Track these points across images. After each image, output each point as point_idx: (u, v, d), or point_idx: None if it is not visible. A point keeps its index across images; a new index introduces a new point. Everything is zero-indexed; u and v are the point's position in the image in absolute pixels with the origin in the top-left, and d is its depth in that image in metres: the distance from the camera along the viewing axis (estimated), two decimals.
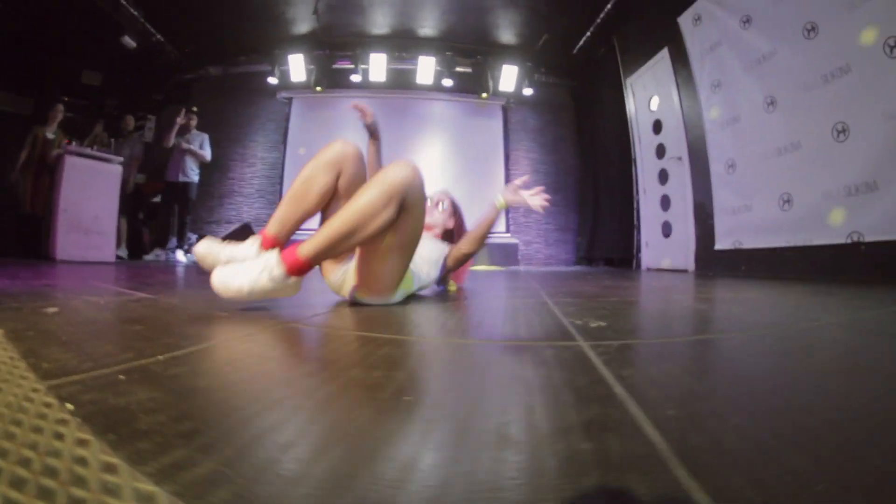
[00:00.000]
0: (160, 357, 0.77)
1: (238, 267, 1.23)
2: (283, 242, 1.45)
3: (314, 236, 1.27)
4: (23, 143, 5.36)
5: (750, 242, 3.71)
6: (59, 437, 0.44)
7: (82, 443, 0.43)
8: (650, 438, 0.43)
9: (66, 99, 6.56)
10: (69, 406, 0.53)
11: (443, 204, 2.07)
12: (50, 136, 5.32)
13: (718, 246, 4.05)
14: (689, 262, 4.44)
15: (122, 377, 0.65)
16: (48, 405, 0.52)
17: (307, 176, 1.50)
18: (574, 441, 0.43)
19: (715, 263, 4.10)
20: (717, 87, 4.10)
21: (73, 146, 4.99)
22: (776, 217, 3.45)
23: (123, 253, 5.83)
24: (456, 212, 2.12)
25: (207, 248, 1.38)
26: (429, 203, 1.95)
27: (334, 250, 1.29)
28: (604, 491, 0.34)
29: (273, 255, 1.24)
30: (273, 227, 1.44)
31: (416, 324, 1.26)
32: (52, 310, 1.25)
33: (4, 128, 6.15)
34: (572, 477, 0.36)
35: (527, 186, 1.85)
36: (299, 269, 1.25)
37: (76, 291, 1.80)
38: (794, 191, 3.32)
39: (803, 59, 3.20)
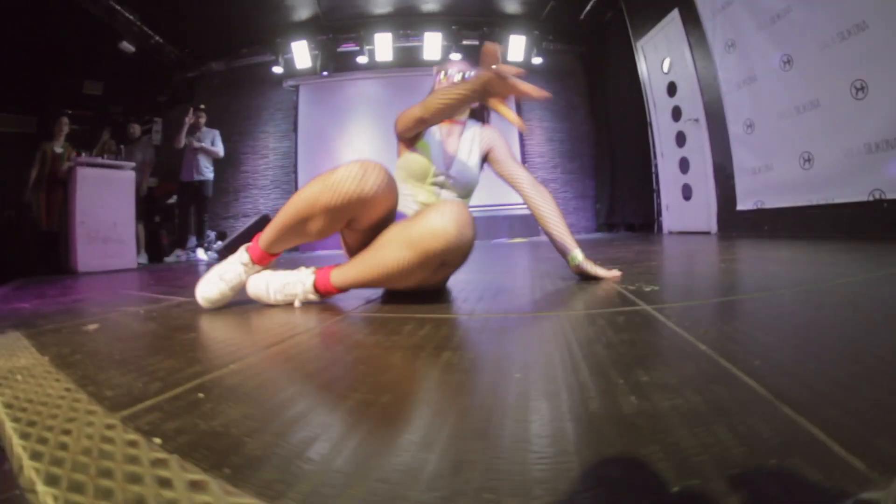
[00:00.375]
0: (232, 366, 0.74)
1: (282, 281, 1.33)
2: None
3: (349, 271, 1.28)
4: (31, 161, 5.31)
5: (772, 202, 3.76)
6: (166, 483, 0.38)
7: (196, 485, 0.37)
8: (750, 385, 0.54)
9: (70, 111, 6.59)
10: (157, 440, 0.46)
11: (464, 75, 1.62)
12: (58, 150, 5.23)
13: (740, 207, 4.10)
14: (712, 224, 4.49)
15: (200, 395, 0.60)
16: (133, 443, 0.46)
17: (303, 215, 1.22)
18: (689, 396, 0.52)
19: (737, 224, 4.15)
20: (731, 47, 4.08)
21: (83, 157, 4.96)
22: (797, 176, 3.48)
23: (144, 258, 5.81)
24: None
25: (256, 293, 1.36)
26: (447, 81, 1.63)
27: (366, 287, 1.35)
28: (735, 433, 0.42)
29: (310, 280, 1.31)
30: (276, 248, 1.36)
31: (466, 300, 1.32)
32: (92, 326, 1.20)
33: (11, 148, 6.22)
34: (703, 425, 0.44)
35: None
36: (327, 293, 1.33)
37: (110, 304, 1.74)
38: (815, 149, 3.35)
39: (819, 15, 3.18)
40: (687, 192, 4.95)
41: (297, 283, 1.32)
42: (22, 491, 0.40)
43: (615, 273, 1.60)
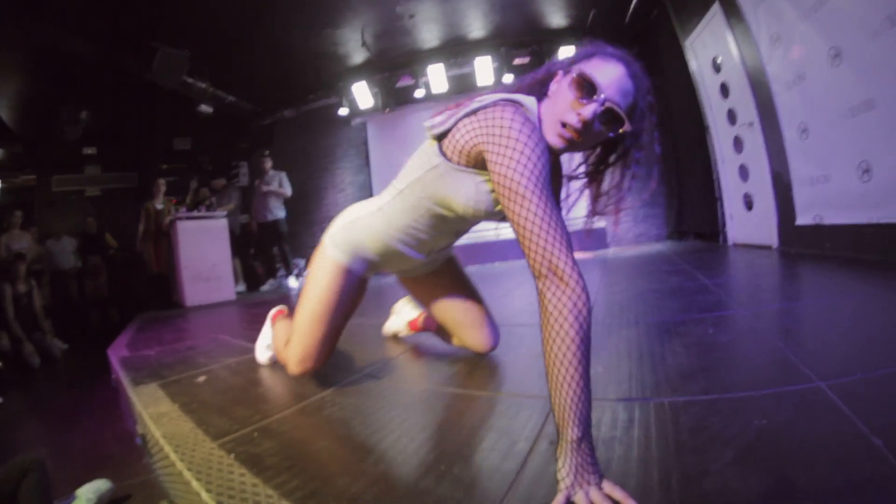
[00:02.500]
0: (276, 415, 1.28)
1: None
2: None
3: None
4: (137, 216, 6.43)
5: (831, 218, 3.27)
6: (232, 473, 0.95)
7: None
8: None
9: (165, 166, 7.76)
10: (231, 455, 1.01)
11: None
12: (159, 206, 6.32)
13: (800, 221, 3.61)
14: (773, 238, 4.00)
15: (255, 434, 1.13)
16: (220, 458, 1.01)
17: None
18: None
19: (798, 239, 3.66)
20: (776, 41, 3.62)
21: (182, 212, 5.87)
22: (855, 189, 3.00)
23: (242, 287, 6.81)
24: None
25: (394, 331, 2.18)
26: None
27: None
28: None
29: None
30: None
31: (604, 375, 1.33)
32: (201, 379, 1.81)
33: (118, 202, 7.46)
34: None
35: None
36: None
37: (214, 355, 2.34)
38: (873, 157, 2.86)
39: None
40: (748, 202, 4.45)
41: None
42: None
43: None
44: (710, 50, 4.72)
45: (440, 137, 1.12)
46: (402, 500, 0.77)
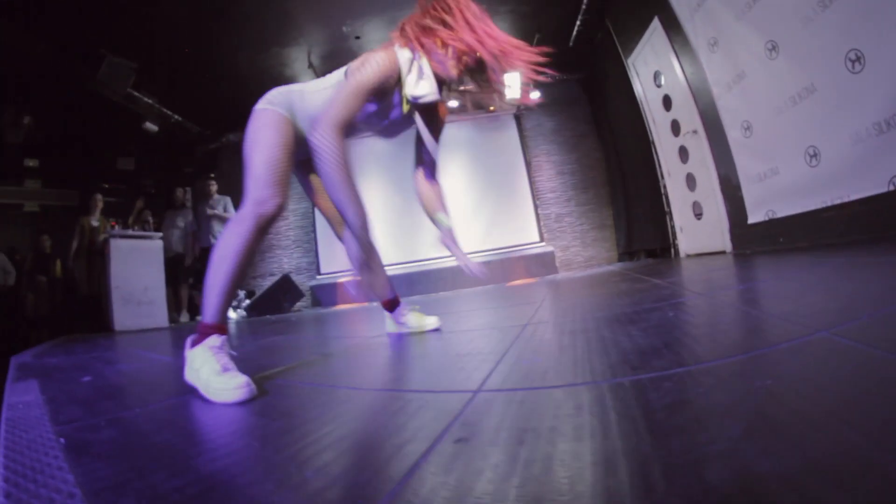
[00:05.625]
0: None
1: None
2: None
3: None
4: (73, 233, 5.95)
5: (783, 210, 3.19)
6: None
7: None
8: None
9: (106, 185, 7.25)
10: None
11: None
12: (94, 223, 5.87)
13: (752, 220, 3.53)
14: (726, 243, 3.91)
15: (104, 424, 0.97)
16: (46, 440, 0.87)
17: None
18: None
19: (752, 239, 3.57)
20: (714, 45, 3.65)
21: (117, 229, 5.45)
22: (806, 176, 2.93)
23: (186, 317, 6.28)
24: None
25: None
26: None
27: None
28: None
29: None
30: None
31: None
32: (86, 379, 1.60)
33: (57, 220, 6.90)
34: None
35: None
36: None
37: (115, 361, 2.15)
38: (819, 142, 2.81)
39: None
40: (698, 211, 4.39)
41: None
42: None
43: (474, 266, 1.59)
44: (651, 66, 4.79)
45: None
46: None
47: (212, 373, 1.06)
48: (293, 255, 7.89)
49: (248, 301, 6.81)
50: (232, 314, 6.19)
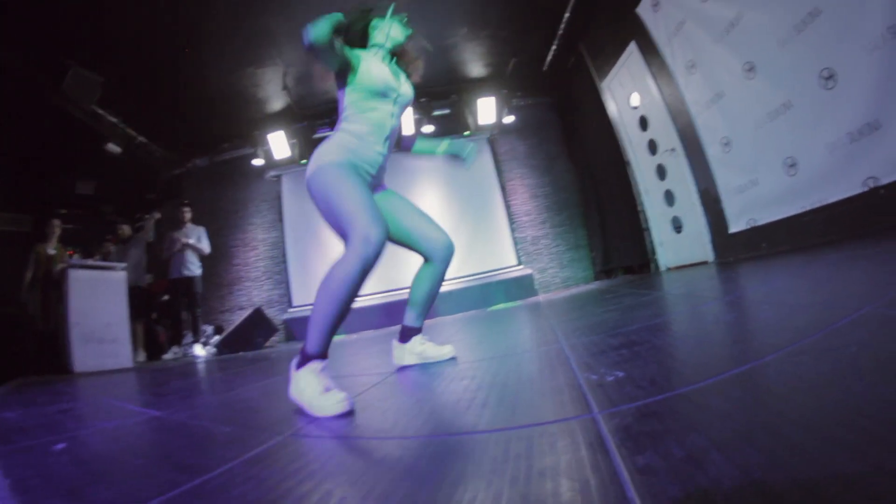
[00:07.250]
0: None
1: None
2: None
3: None
4: (26, 261, 5.43)
5: (765, 217, 3.38)
6: None
7: None
8: None
9: (64, 211, 6.75)
10: None
11: None
12: (51, 251, 5.36)
13: (733, 229, 3.72)
14: (708, 252, 4.09)
15: None
16: None
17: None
18: None
19: (734, 248, 3.75)
20: (692, 68, 3.90)
21: (76, 258, 4.98)
22: (785, 184, 3.14)
23: (142, 357, 5.72)
24: None
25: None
26: None
27: None
28: None
29: None
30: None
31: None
32: (60, 446, 1.24)
33: (6, 246, 6.32)
34: None
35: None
36: None
37: (90, 418, 1.78)
38: (797, 153, 3.03)
39: (771, 13, 2.99)
40: (677, 225, 4.59)
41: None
42: None
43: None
44: (627, 88, 5.04)
45: None
46: None
47: (315, 393, 1.23)
48: (263, 287, 7.49)
49: (217, 337, 6.30)
50: (201, 351, 5.78)
